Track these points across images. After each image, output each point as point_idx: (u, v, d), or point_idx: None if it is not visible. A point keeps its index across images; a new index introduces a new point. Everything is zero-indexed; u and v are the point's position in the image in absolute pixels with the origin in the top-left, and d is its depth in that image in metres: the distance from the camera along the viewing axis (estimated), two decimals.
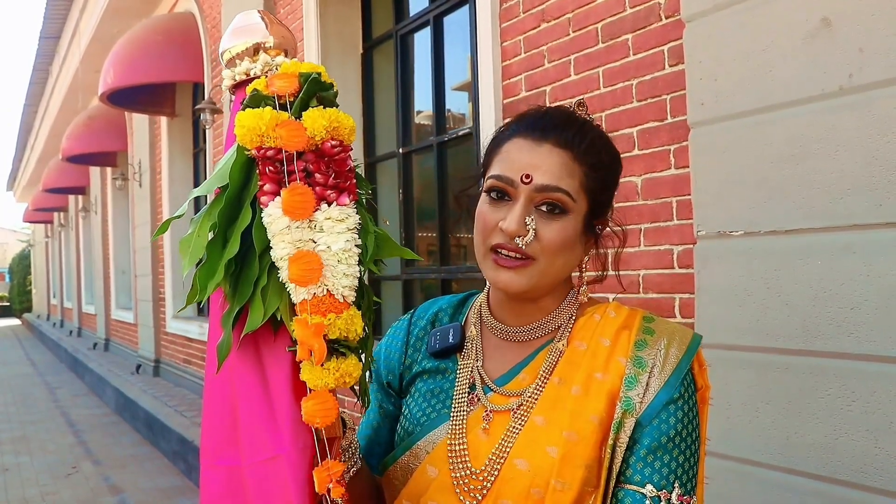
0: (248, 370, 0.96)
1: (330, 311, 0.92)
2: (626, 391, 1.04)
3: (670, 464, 1.02)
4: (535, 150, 1.06)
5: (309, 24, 5.00)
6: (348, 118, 0.97)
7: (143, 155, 9.75)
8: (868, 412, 1.76)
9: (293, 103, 0.96)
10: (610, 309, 1.14)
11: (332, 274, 0.93)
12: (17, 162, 24.53)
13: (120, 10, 9.14)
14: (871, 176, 1.75)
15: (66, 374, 13.34)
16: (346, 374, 0.93)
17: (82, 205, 16.02)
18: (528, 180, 1.04)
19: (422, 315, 1.26)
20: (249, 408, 0.95)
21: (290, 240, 0.92)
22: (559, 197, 1.05)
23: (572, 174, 1.06)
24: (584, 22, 2.83)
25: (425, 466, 1.09)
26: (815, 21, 1.85)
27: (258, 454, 0.93)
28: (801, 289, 1.89)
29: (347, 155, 0.96)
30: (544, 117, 1.10)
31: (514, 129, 1.11)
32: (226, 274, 0.94)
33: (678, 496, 1.01)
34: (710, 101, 2.11)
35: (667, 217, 2.51)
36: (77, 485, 5.98)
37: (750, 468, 1.99)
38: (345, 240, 0.93)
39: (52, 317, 23.98)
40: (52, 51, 14.40)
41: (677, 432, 1.03)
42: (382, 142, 5.02)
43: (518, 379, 1.10)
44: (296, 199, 0.91)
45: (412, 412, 1.16)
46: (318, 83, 0.98)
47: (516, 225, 1.03)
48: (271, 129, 0.92)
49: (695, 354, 1.09)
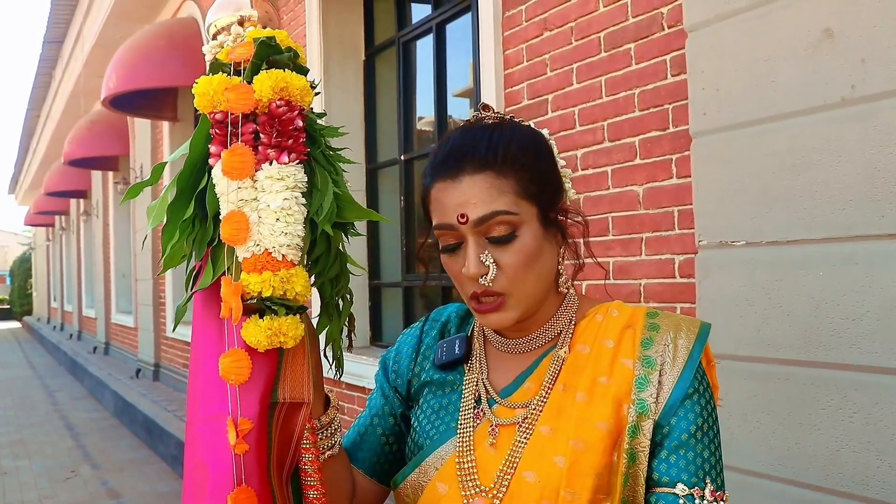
0: (206, 329, 0.98)
1: (266, 269, 0.92)
2: (637, 393, 1.01)
3: (696, 460, 0.99)
4: (456, 186, 1.02)
5: (311, 30, 5.01)
6: (300, 78, 0.96)
7: (145, 159, 9.77)
8: (869, 423, 1.76)
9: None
10: (612, 308, 1.12)
11: (271, 232, 0.93)
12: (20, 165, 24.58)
13: (123, 16, 9.17)
14: (874, 187, 1.75)
15: (65, 378, 13.34)
16: (278, 332, 0.92)
17: (84, 208, 16.04)
18: (463, 220, 1.01)
19: (434, 323, 1.25)
20: (205, 365, 0.96)
21: (232, 199, 0.93)
22: (500, 220, 1.01)
23: (502, 191, 1.01)
24: (586, 31, 2.83)
25: (435, 483, 1.08)
26: (818, 32, 1.86)
27: (206, 411, 0.95)
28: (803, 299, 1.89)
29: (294, 115, 0.95)
30: (450, 149, 1.06)
31: (431, 175, 1.07)
32: (181, 236, 0.97)
33: (711, 492, 0.99)
34: (713, 110, 2.12)
35: (668, 226, 2.51)
36: (75, 489, 5.98)
37: (751, 479, 1.99)
38: (283, 198, 0.93)
39: (53, 320, 23.99)
40: (56, 55, 14.43)
41: (698, 427, 1.00)
42: (384, 148, 5.03)
43: (523, 389, 1.09)
44: (235, 159, 0.92)
45: (421, 426, 1.15)
46: (270, 46, 0.97)
47: (475, 268, 1.01)
48: (220, 93, 0.94)
49: (705, 343, 1.05)
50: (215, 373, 0.92)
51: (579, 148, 2.85)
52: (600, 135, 2.77)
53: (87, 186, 14.77)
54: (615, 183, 2.71)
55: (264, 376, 0.96)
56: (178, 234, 0.97)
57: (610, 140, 2.73)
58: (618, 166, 2.70)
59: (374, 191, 5.07)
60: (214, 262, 0.97)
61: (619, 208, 2.68)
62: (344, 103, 5.00)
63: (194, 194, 0.97)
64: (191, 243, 0.98)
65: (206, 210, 0.97)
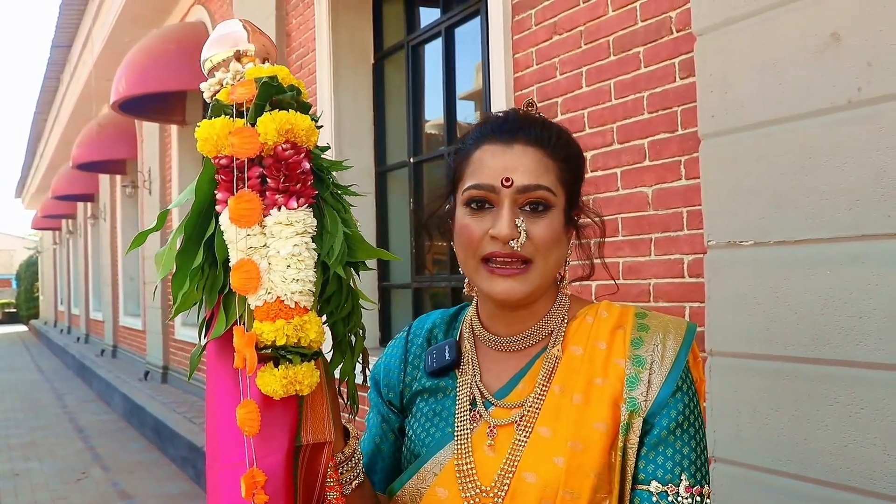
0: (221, 377, 0.96)
1: (279, 318, 0.91)
2: (629, 392, 1.04)
3: (674, 456, 1.01)
4: (507, 152, 1.06)
5: (321, 34, 5.06)
6: (304, 118, 0.93)
7: (154, 163, 9.82)
8: (877, 419, 1.79)
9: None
10: (601, 309, 1.13)
11: (282, 279, 0.91)
12: (27, 169, 24.67)
13: (132, 20, 9.23)
14: (880, 188, 1.79)
15: (73, 381, 13.39)
16: (294, 380, 0.91)
17: (91, 212, 16.10)
18: (508, 183, 1.04)
19: (418, 332, 1.25)
20: (223, 413, 0.95)
21: (242, 247, 0.92)
22: (542, 194, 1.05)
23: (548, 170, 1.06)
24: (595, 34, 2.87)
25: (435, 489, 1.08)
26: (825, 35, 1.89)
27: (226, 459, 0.94)
28: (810, 298, 1.92)
29: (301, 157, 0.93)
30: (507, 120, 1.10)
31: (479, 137, 1.10)
32: (191, 284, 0.95)
33: (686, 488, 1.00)
34: (721, 113, 2.15)
35: (677, 227, 2.55)
36: (87, 490, 6.02)
37: (759, 474, 2.02)
38: (292, 244, 0.91)
39: (60, 323, 24.05)
40: (64, 59, 14.49)
41: (678, 424, 1.03)
42: (393, 151, 5.07)
43: (518, 390, 1.10)
44: (242, 206, 0.90)
45: (416, 434, 1.16)
46: (272, 86, 0.94)
47: (508, 229, 1.02)
48: (224, 137, 0.91)
49: (692, 344, 1.08)
50: (233, 421, 0.90)
51: (589, 150, 2.88)
52: (609, 137, 2.81)
53: (94, 190, 14.82)
54: (625, 184, 2.74)
55: (283, 423, 0.94)
56: (189, 282, 0.95)
57: (619, 142, 2.77)
58: (627, 168, 2.73)
59: (384, 193, 5.10)
60: (227, 310, 0.95)
61: (629, 209, 2.72)
62: (353, 107, 5.04)
63: (202, 241, 0.95)
64: (202, 290, 0.96)
65: (215, 256, 0.94)
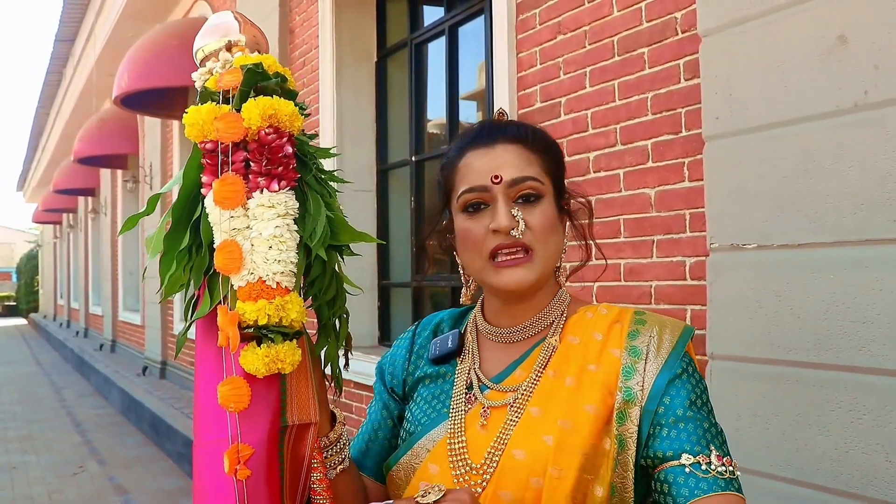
0: (206, 356, 0.99)
1: (261, 297, 0.93)
2: (624, 381, 1.06)
3: (697, 430, 1.02)
4: (491, 152, 1.13)
5: (324, 32, 5.05)
6: (288, 104, 0.97)
7: (155, 158, 9.82)
8: (879, 426, 1.77)
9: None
10: (601, 307, 1.18)
11: (264, 260, 0.94)
12: (28, 163, 24.68)
13: (135, 15, 9.23)
14: (885, 192, 1.77)
15: (71, 375, 13.39)
16: (276, 359, 0.94)
17: (92, 206, 16.11)
18: (497, 180, 1.10)
19: (425, 326, 1.31)
20: (205, 392, 0.97)
21: (226, 228, 0.95)
22: (531, 185, 1.11)
23: (531, 162, 1.12)
24: (600, 35, 2.86)
25: (427, 464, 1.13)
26: (831, 38, 1.88)
27: (206, 436, 0.96)
28: (813, 302, 1.91)
29: (283, 141, 0.96)
30: (484, 126, 1.18)
31: (462, 146, 1.17)
32: (178, 266, 0.98)
33: (717, 457, 1.00)
34: (725, 115, 2.14)
35: (680, 229, 2.53)
36: (83, 484, 6.01)
37: (759, 479, 2.00)
38: (274, 226, 0.94)
39: (59, 317, 24.06)
40: (67, 54, 14.51)
41: (692, 401, 1.04)
42: (395, 149, 5.06)
43: (514, 375, 1.14)
44: (226, 189, 0.93)
45: (414, 415, 1.21)
46: (257, 73, 0.98)
47: (506, 220, 1.08)
48: (210, 122, 0.94)
49: (689, 340, 1.10)
50: (215, 399, 0.93)
51: (592, 151, 2.87)
52: (613, 138, 2.80)
53: (95, 184, 14.84)
54: (627, 186, 2.73)
55: (267, 401, 0.97)
56: (176, 264, 0.98)
57: (622, 143, 2.76)
58: (630, 169, 2.72)
59: (385, 191, 5.09)
60: (211, 291, 0.99)
61: (631, 211, 2.71)
62: (356, 104, 5.03)
63: (189, 224, 0.98)
64: (188, 272, 0.99)
65: (201, 239, 0.98)
